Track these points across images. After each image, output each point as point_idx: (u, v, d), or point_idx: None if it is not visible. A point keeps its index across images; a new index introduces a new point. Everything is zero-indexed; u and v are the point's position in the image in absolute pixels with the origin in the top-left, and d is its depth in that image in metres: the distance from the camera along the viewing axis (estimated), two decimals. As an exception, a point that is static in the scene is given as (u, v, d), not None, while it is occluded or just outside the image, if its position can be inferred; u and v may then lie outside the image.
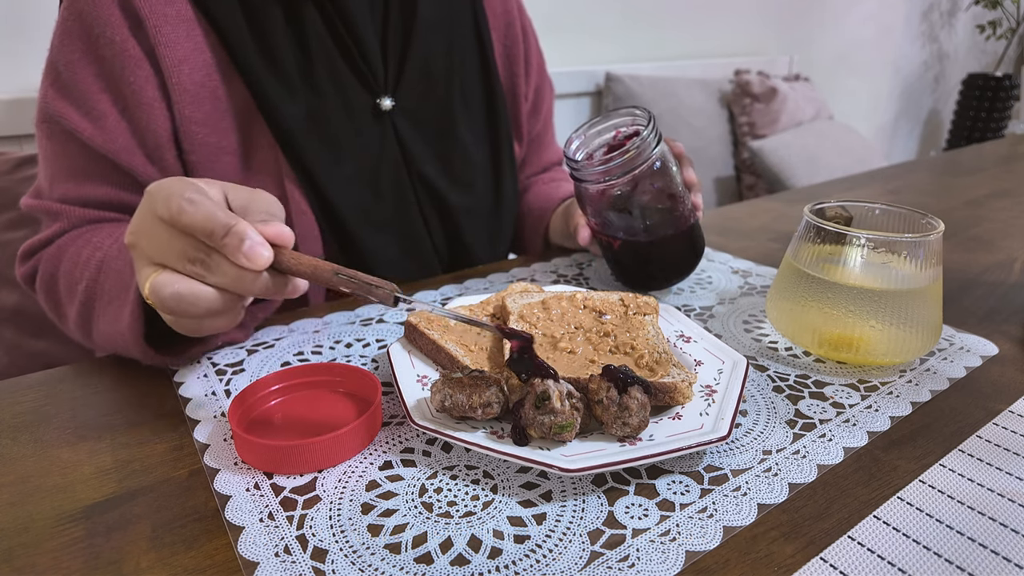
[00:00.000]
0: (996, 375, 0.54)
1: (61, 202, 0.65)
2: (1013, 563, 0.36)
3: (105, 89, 0.63)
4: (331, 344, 0.59)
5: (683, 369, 0.48)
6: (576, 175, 0.64)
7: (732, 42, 2.54)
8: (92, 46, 0.62)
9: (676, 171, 0.65)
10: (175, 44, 0.62)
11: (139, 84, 0.62)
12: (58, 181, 0.65)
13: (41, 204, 0.66)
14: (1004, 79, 3.34)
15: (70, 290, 0.61)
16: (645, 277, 0.70)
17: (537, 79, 0.91)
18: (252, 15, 0.65)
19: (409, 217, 0.76)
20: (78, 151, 0.64)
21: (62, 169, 0.65)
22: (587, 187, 0.64)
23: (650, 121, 0.62)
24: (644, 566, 0.35)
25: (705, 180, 2.21)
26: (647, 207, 0.64)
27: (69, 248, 0.63)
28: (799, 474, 0.42)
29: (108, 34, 0.61)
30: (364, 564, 0.35)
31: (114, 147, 0.63)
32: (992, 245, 0.87)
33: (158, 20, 0.62)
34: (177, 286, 0.41)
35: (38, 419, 0.49)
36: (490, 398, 0.43)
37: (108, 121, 0.63)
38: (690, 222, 0.67)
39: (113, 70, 0.62)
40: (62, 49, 0.63)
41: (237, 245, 0.39)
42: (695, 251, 0.69)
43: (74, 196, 0.65)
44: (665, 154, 0.63)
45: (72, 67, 0.62)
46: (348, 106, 0.71)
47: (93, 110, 0.62)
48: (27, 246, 0.67)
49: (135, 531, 0.38)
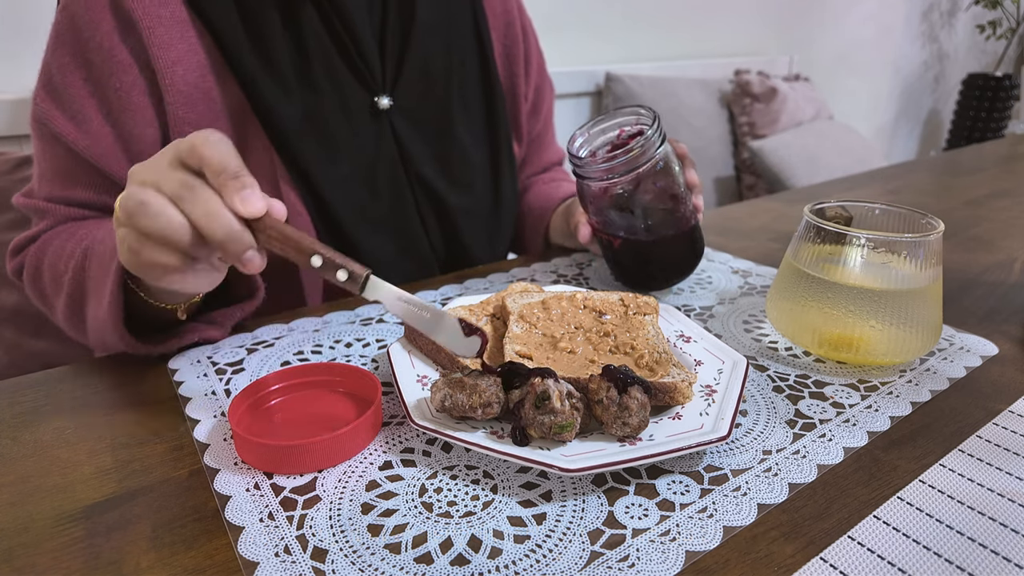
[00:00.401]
0: (996, 375, 0.54)
1: (47, 201, 0.66)
2: (1013, 563, 0.36)
3: (92, 94, 0.63)
4: (331, 344, 0.59)
5: (683, 369, 0.48)
6: (579, 172, 0.64)
7: (732, 42, 2.54)
8: (82, 50, 0.62)
9: (679, 171, 0.65)
10: (169, 46, 0.63)
11: (125, 89, 0.63)
12: (46, 181, 0.66)
13: (30, 203, 0.67)
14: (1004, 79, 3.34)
15: (56, 281, 0.62)
16: (645, 277, 0.70)
17: (537, 79, 0.91)
18: (248, 16, 0.65)
19: (406, 217, 0.76)
20: (64, 153, 0.65)
21: (49, 169, 0.66)
22: (589, 184, 0.64)
23: (655, 120, 0.62)
24: (644, 566, 0.35)
25: (705, 180, 2.21)
26: (649, 206, 0.64)
27: (53, 242, 0.64)
28: (799, 474, 0.42)
29: (97, 39, 0.62)
30: (364, 564, 0.35)
31: (97, 151, 0.64)
32: (992, 245, 0.87)
33: (151, 22, 0.62)
34: (148, 196, 0.41)
35: (38, 419, 0.49)
36: (490, 398, 0.43)
37: (92, 126, 0.63)
38: (691, 223, 0.67)
39: (101, 75, 0.63)
40: (55, 52, 0.63)
41: (238, 188, 0.40)
42: (695, 252, 0.70)
43: (59, 196, 0.66)
44: (668, 154, 0.63)
45: (62, 71, 0.63)
46: (345, 105, 0.71)
47: (79, 114, 0.63)
48: (15, 242, 0.68)
49: (135, 531, 0.38)
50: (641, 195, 0.64)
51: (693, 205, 0.68)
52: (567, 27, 2.03)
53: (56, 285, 0.62)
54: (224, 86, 0.66)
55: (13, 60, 1.22)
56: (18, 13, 1.21)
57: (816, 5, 2.80)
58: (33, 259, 0.66)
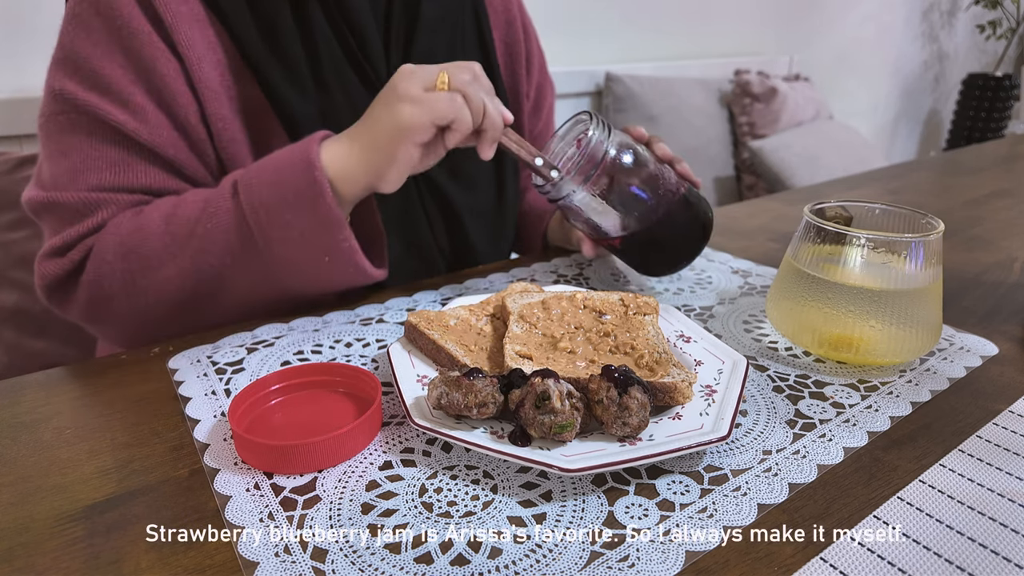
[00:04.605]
0: (996, 375, 0.54)
1: (96, 191, 0.62)
2: (1013, 563, 0.36)
3: (136, 81, 0.62)
4: (331, 344, 0.59)
5: (683, 369, 0.48)
6: (551, 198, 0.63)
7: (732, 42, 2.54)
8: (114, 36, 0.61)
9: (644, 152, 0.64)
10: (192, 43, 0.62)
11: (171, 76, 0.62)
12: (89, 172, 0.62)
13: (62, 195, 0.62)
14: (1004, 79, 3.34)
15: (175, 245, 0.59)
16: (664, 260, 0.68)
17: (539, 77, 0.91)
18: (262, 17, 0.65)
19: (412, 216, 0.77)
20: (115, 141, 0.62)
21: (92, 159, 0.62)
22: (566, 203, 0.64)
23: (592, 118, 0.61)
24: (644, 566, 0.35)
25: (705, 180, 2.21)
26: (629, 198, 0.63)
27: (149, 210, 0.61)
28: (799, 474, 0.42)
29: (133, 25, 0.60)
30: (364, 564, 0.35)
31: (160, 140, 0.63)
32: (992, 245, 0.87)
33: (174, 18, 0.61)
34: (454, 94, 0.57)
35: (38, 419, 0.49)
36: (486, 398, 0.43)
37: (148, 114, 0.62)
38: (680, 192, 0.65)
39: (141, 61, 0.61)
40: (78, 41, 0.61)
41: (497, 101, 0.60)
42: (699, 220, 0.67)
43: (114, 184, 0.63)
44: (624, 142, 0.62)
45: (93, 59, 0.61)
46: (353, 106, 0.71)
47: (129, 102, 0.61)
48: (61, 241, 0.63)
49: (135, 531, 0.38)
50: (617, 191, 0.62)
51: (677, 174, 0.67)
52: (567, 27, 2.03)
53: (176, 249, 0.59)
54: (242, 85, 0.66)
55: (13, 60, 1.22)
56: (18, 13, 1.21)
57: (816, 5, 2.80)
58: (112, 241, 0.61)
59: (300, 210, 0.57)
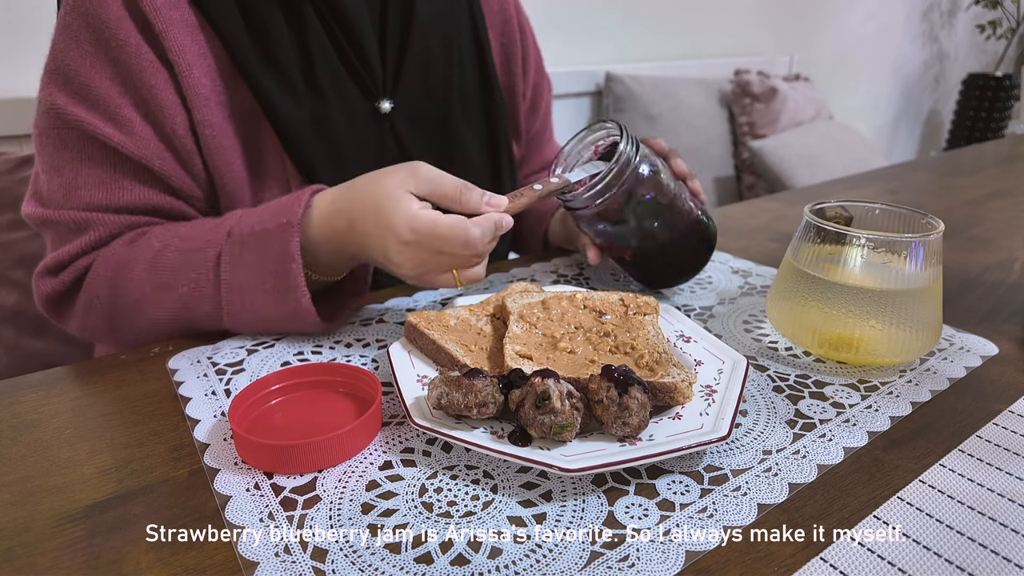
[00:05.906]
0: (996, 375, 0.54)
1: (87, 210, 0.62)
2: (1013, 563, 0.36)
3: (123, 93, 0.61)
4: (331, 344, 0.59)
5: (683, 369, 0.48)
6: (568, 206, 0.63)
7: (732, 42, 2.54)
8: (102, 48, 0.60)
9: (663, 168, 0.64)
10: (183, 49, 0.62)
11: (159, 87, 0.62)
12: (80, 189, 0.62)
13: (57, 214, 0.62)
14: (1004, 79, 3.34)
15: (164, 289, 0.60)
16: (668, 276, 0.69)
17: (535, 77, 0.91)
18: (253, 21, 0.65)
19: None
20: (103, 157, 0.62)
21: (83, 176, 0.62)
22: (582, 213, 0.64)
23: (622, 132, 0.61)
24: (644, 566, 0.35)
25: (705, 180, 2.21)
26: (647, 213, 0.63)
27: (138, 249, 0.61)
28: (799, 474, 0.42)
29: (121, 36, 0.60)
30: (364, 564, 0.35)
31: (146, 153, 0.62)
32: (992, 245, 0.87)
33: (165, 24, 0.61)
34: (470, 235, 0.55)
35: (38, 419, 0.49)
36: (485, 398, 0.43)
37: (135, 126, 0.62)
38: (695, 213, 0.66)
39: (129, 73, 0.61)
40: (68, 53, 0.60)
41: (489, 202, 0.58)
42: (708, 239, 0.68)
43: (103, 203, 0.62)
44: (647, 157, 0.62)
45: (82, 72, 0.60)
46: (348, 110, 0.70)
47: (117, 115, 0.61)
48: (53, 261, 0.63)
49: (135, 531, 0.38)
50: (635, 205, 0.63)
51: (692, 191, 0.67)
52: (567, 27, 2.03)
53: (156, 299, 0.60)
54: (234, 91, 0.66)
55: (13, 60, 1.22)
56: (18, 13, 1.21)
57: (816, 5, 2.80)
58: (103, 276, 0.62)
59: (275, 300, 0.57)
